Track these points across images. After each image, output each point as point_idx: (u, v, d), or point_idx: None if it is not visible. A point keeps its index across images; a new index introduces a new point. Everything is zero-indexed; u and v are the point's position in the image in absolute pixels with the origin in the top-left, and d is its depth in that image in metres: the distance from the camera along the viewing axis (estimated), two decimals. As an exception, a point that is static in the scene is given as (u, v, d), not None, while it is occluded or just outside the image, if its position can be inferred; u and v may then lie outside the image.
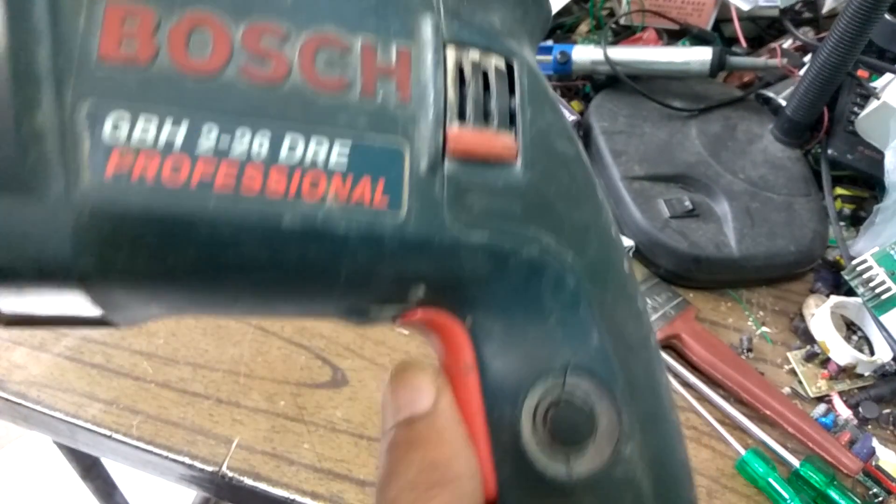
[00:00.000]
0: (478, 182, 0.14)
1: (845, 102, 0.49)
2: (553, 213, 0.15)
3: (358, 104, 0.13)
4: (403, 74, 0.14)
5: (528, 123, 0.15)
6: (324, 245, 0.13)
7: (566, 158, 0.15)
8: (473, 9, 0.15)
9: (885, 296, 0.41)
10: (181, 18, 0.12)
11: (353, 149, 0.13)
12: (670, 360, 0.41)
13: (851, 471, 0.38)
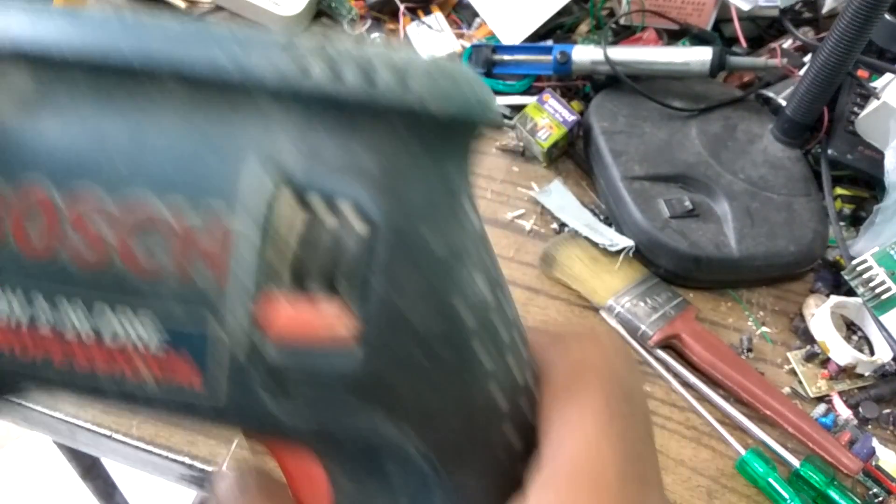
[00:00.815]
0: (299, 370, 0.12)
1: (845, 102, 0.49)
2: (397, 399, 0.13)
3: (175, 289, 0.12)
4: (214, 248, 0.12)
5: (376, 298, 0.12)
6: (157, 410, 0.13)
7: (426, 337, 0.13)
8: (332, 139, 0.12)
9: (885, 296, 0.41)
10: (18, 198, 0.12)
11: (173, 335, 0.12)
12: (670, 360, 0.41)
13: (851, 471, 0.38)
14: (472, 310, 0.13)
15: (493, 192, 0.49)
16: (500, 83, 0.53)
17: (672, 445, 0.39)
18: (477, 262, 0.13)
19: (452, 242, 0.13)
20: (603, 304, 0.43)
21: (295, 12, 0.56)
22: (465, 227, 0.13)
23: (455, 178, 0.14)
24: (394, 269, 0.12)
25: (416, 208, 0.13)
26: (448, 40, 0.55)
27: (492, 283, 0.14)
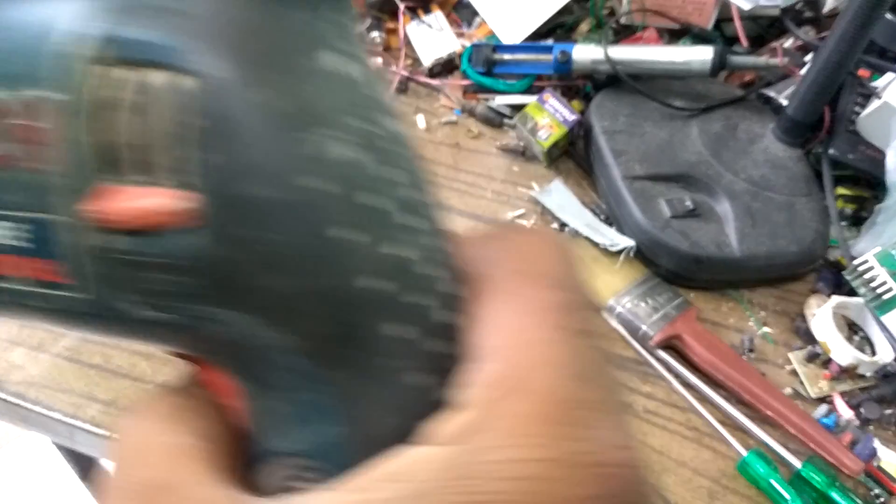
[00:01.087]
0: (148, 256, 0.11)
1: (846, 102, 0.49)
2: (252, 287, 0.11)
3: (10, 181, 0.12)
4: (37, 134, 0.11)
5: (213, 168, 0.11)
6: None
7: (274, 212, 0.11)
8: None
9: (886, 296, 0.41)
10: None
11: (23, 230, 0.12)
12: (671, 361, 0.41)
13: (853, 472, 0.37)
14: (336, 181, 0.11)
15: (493, 191, 0.49)
16: (500, 82, 0.53)
17: (673, 446, 0.39)
18: (345, 127, 0.12)
19: (306, 101, 0.11)
20: (604, 305, 0.43)
21: (294, 11, 0.56)
22: (327, 85, 0.12)
23: (316, 27, 0.12)
24: (228, 132, 0.11)
25: (257, 61, 0.11)
26: (448, 39, 0.55)
27: (377, 152, 0.12)
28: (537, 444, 0.11)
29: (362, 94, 0.13)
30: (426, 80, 0.54)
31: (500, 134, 0.52)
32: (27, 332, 0.40)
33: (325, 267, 0.12)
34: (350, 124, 0.12)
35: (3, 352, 0.39)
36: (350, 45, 0.13)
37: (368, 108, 0.12)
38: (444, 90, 0.54)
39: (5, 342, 0.40)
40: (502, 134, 0.52)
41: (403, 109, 0.53)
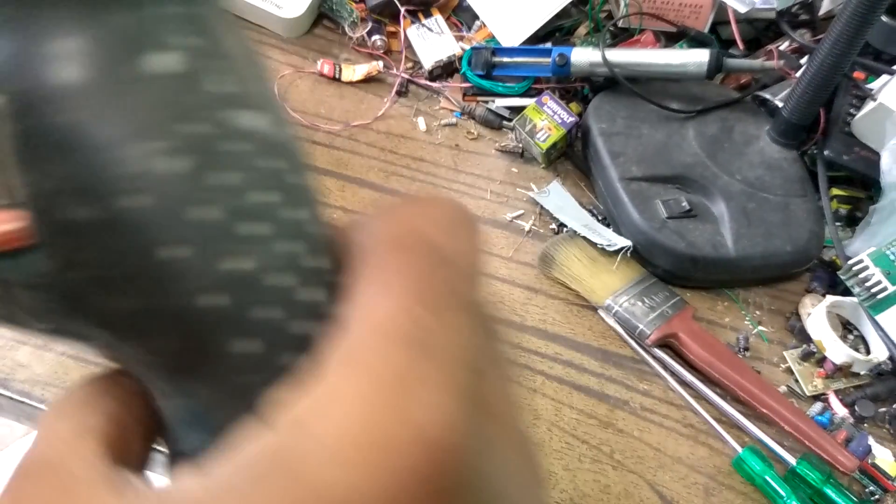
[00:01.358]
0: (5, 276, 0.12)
1: (842, 104, 0.50)
2: (91, 304, 0.12)
3: None
4: None
5: (35, 194, 0.11)
6: None
7: (94, 230, 0.11)
8: None
9: (880, 295, 0.42)
10: None
11: None
12: (668, 359, 0.42)
13: (848, 469, 0.38)
14: (160, 198, 0.11)
15: (492, 192, 0.50)
16: (499, 85, 0.54)
17: (670, 443, 0.39)
18: (172, 135, 0.11)
19: (125, 114, 0.11)
20: (601, 304, 0.43)
21: (296, 14, 0.56)
22: (153, 92, 0.11)
23: (143, 26, 0.11)
24: (44, 153, 0.11)
25: (69, 76, 0.11)
26: (448, 43, 0.56)
27: (213, 157, 0.11)
28: (352, 430, 0.10)
29: (200, 93, 0.12)
30: (427, 82, 0.55)
31: (499, 136, 0.53)
32: (33, 331, 0.40)
33: (158, 287, 0.11)
34: (178, 131, 0.11)
35: (8, 350, 0.40)
36: (194, 34, 0.12)
37: (207, 107, 0.12)
38: (445, 93, 0.55)
39: (11, 341, 0.40)
40: (501, 136, 0.53)
41: (404, 112, 0.54)
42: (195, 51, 0.12)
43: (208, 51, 0.12)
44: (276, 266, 0.12)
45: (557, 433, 0.39)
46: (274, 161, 0.13)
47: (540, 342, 0.43)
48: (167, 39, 0.11)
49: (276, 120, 0.13)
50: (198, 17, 0.12)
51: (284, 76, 0.55)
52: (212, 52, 0.12)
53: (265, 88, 0.13)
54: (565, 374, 0.41)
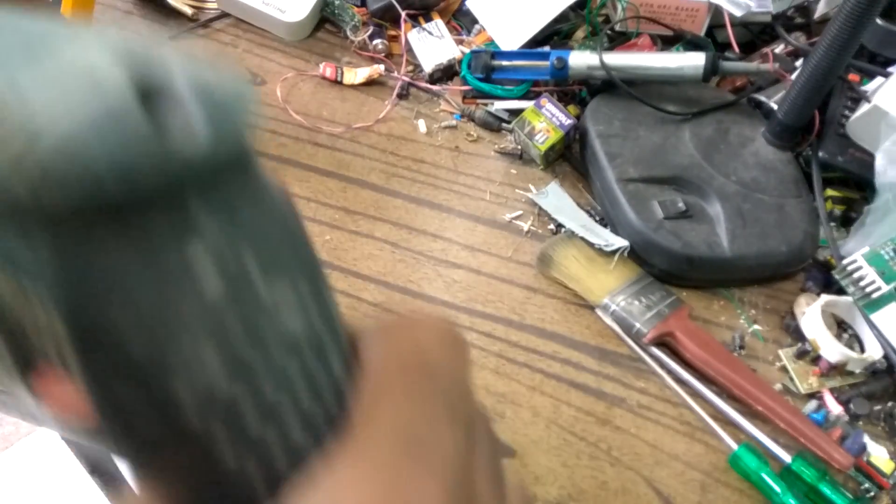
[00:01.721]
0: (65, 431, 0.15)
1: (836, 106, 0.50)
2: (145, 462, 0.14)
3: None
4: None
5: (88, 384, 0.13)
6: None
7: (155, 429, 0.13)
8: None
9: (874, 294, 0.42)
10: None
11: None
12: (664, 357, 0.42)
13: (843, 466, 0.38)
14: (196, 393, 0.13)
15: (491, 193, 0.50)
16: (498, 88, 0.54)
17: (666, 440, 0.40)
18: (204, 333, 0.13)
19: (160, 326, 0.12)
20: (599, 303, 0.44)
21: (299, 18, 0.57)
22: (182, 302, 0.13)
23: (165, 248, 0.12)
24: (90, 357, 0.12)
25: (99, 295, 0.12)
26: (448, 46, 0.56)
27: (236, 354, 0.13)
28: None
29: (255, 309, 0.13)
30: (427, 85, 0.56)
31: (498, 138, 0.54)
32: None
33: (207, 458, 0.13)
34: (237, 354, 0.13)
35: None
36: (246, 242, 0.13)
37: (265, 322, 0.13)
38: (445, 95, 0.55)
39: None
40: (500, 138, 0.54)
41: (404, 114, 0.54)
42: (235, 271, 0.13)
43: (248, 264, 0.13)
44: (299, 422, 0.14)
45: (555, 430, 0.40)
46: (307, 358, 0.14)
47: (538, 341, 0.43)
48: (209, 267, 0.13)
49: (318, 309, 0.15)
50: (239, 228, 0.13)
51: (287, 79, 0.55)
52: (250, 264, 0.13)
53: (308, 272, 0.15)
54: (563, 372, 0.42)
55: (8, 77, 0.11)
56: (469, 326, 0.43)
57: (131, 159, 0.11)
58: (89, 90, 0.11)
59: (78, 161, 0.11)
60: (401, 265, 0.46)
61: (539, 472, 0.38)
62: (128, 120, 0.11)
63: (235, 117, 0.13)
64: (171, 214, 0.12)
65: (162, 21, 0.59)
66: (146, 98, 0.11)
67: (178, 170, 0.12)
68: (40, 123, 0.11)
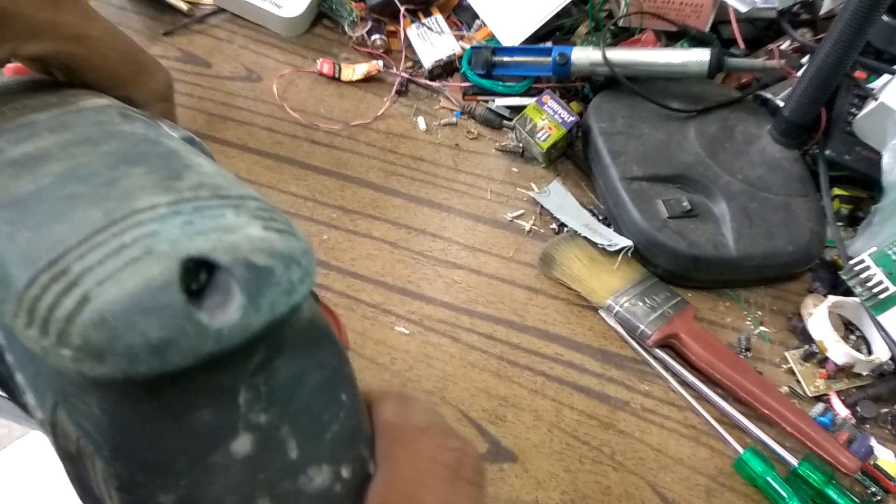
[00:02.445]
0: None
1: (843, 103, 0.49)
2: None
3: None
4: None
5: None
6: None
7: None
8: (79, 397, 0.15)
9: (882, 295, 0.42)
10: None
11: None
12: (669, 360, 0.41)
13: (850, 470, 0.38)
14: None
15: (492, 192, 0.49)
16: (499, 84, 0.53)
17: (671, 444, 0.39)
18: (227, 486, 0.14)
19: (195, 499, 0.14)
20: (602, 304, 0.43)
21: (296, 14, 0.56)
22: (209, 457, 0.14)
23: (209, 427, 0.14)
24: (125, 498, 0.14)
25: (134, 448, 0.14)
26: (448, 42, 0.55)
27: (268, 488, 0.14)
28: None
29: (281, 466, 0.14)
30: (426, 82, 0.55)
31: (499, 135, 0.53)
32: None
33: None
34: (244, 483, 0.14)
35: (7, 351, 0.40)
36: (263, 411, 0.14)
37: (288, 478, 0.15)
38: (445, 92, 0.55)
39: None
40: (501, 135, 0.53)
41: (404, 111, 0.53)
42: (264, 429, 0.14)
43: (277, 422, 0.15)
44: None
45: (558, 434, 0.39)
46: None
47: (540, 342, 0.42)
48: (240, 426, 0.14)
49: (349, 462, 0.16)
50: (273, 390, 0.15)
51: (284, 75, 0.55)
52: (280, 422, 0.15)
53: (340, 426, 0.16)
54: (566, 374, 0.41)
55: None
56: (469, 328, 0.43)
57: (166, 336, 0.12)
58: (140, 263, 0.12)
59: (115, 335, 0.12)
60: (400, 265, 0.45)
61: (541, 476, 0.37)
62: (169, 301, 0.12)
63: (282, 299, 0.14)
64: (214, 396, 0.14)
65: (157, 17, 0.58)
66: (191, 276, 0.13)
67: (211, 349, 0.13)
68: (89, 287, 0.12)
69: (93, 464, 0.14)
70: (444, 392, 0.40)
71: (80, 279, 0.12)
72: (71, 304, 0.12)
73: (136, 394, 0.13)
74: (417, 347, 0.41)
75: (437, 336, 0.42)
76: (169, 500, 0.14)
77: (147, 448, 0.14)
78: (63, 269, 0.12)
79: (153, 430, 0.14)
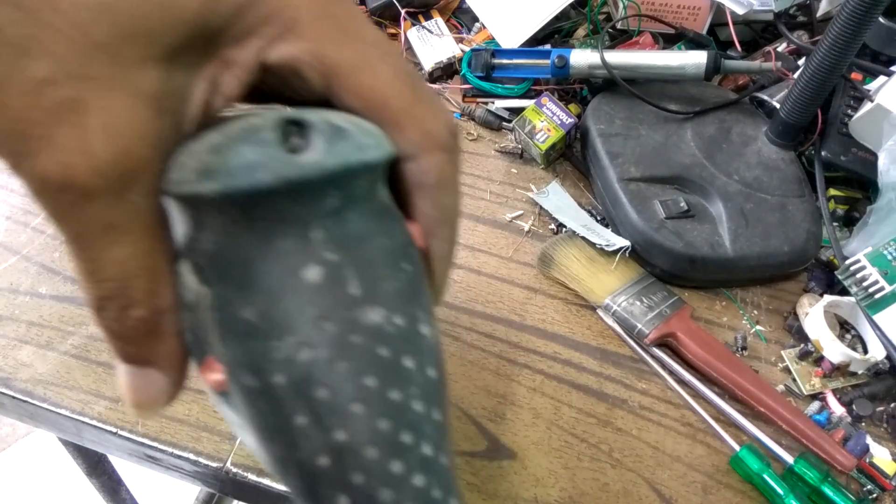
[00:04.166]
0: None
1: (839, 105, 0.50)
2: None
3: None
4: None
5: (226, 361, 0.17)
6: None
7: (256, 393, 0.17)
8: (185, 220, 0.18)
9: (877, 295, 0.42)
10: None
11: None
12: (666, 358, 0.42)
13: (845, 467, 0.38)
14: (298, 381, 0.16)
15: (491, 193, 0.50)
16: (499, 86, 0.54)
17: (668, 442, 0.39)
18: (316, 332, 0.16)
19: (282, 316, 0.16)
20: (600, 303, 0.43)
21: (297, 17, 0.56)
22: (305, 298, 0.16)
23: (305, 243, 0.17)
24: (227, 335, 0.16)
25: (241, 284, 0.16)
26: (448, 44, 0.56)
27: (346, 350, 0.16)
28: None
29: (342, 298, 0.17)
30: (427, 84, 0.55)
31: (498, 137, 0.53)
32: (35, 331, 0.41)
33: (290, 442, 0.16)
34: (322, 329, 0.16)
35: (11, 350, 0.40)
36: (333, 251, 0.17)
37: (347, 309, 0.17)
38: (445, 94, 0.55)
39: (14, 340, 0.40)
40: (501, 137, 0.53)
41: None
42: (332, 265, 0.17)
43: (343, 262, 0.17)
44: (386, 436, 0.17)
45: (556, 432, 0.39)
46: (393, 350, 0.17)
47: (539, 341, 0.43)
48: (327, 255, 0.17)
49: (402, 313, 0.18)
50: (343, 236, 0.17)
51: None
52: (346, 263, 0.17)
53: (399, 284, 0.18)
54: (564, 373, 0.42)
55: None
56: (469, 327, 0.43)
57: (258, 160, 0.16)
58: (254, 117, 0.17)
59: (222, 158, 0.16)
60: (400, 265, 0.46)
61: (540, 473, 0.38)
62: (265, 136, 0.16)
63: (353, 152, 0.17)
64: (295, 227, 0.17)
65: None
66: (289, 128, 0.16)
67: (291, 174, 0.16)
68: (218, 134, 0.17)
69: (201, 302, 0.17)
70: (443, 390, 0.40)
71: (217, 133, 0.16)
72: (202, 148, 0.16)
73: (236, 220, 0.16)
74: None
75: (437, 335, 0.42)
76: (250, 313, 0.16)
77: (238, 268, 0.16)
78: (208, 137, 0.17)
79: (245, 251, 0.16)
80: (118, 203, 0.15)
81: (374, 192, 0.18)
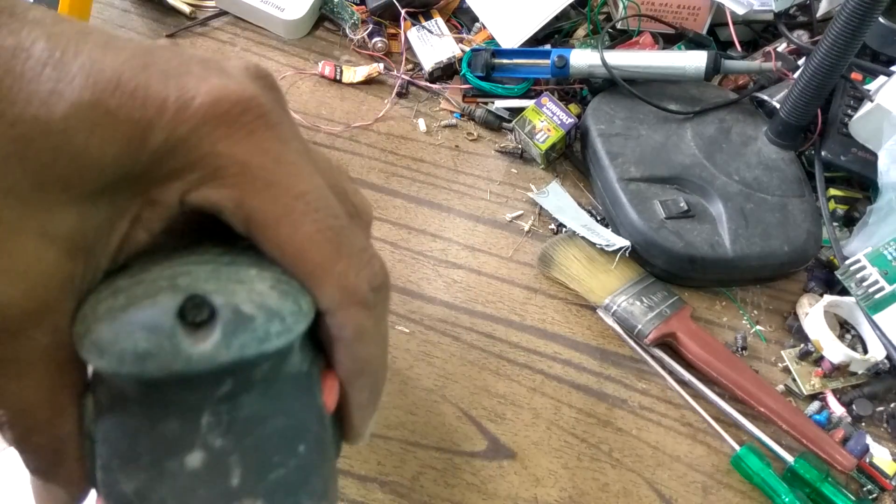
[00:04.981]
0: None
1: (839, 105, 0.50)
2: None
3: None
4: None
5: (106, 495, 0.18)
6: None
7: None
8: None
9: (878, 295, 0.42)
10: None
11: None
12: (666, 358, 0.42)
13: (845, 467, 0.38)
14: None
15: (492, 193, 0.50)
16: (499, 86, 0.54)
17: (668, 442, 0.39)
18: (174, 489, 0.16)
19: (147, 496, 0.16)
20: (600, 303, 0.43)
21: (298, 17, 0.57)
22: (185, 483, 0.16)
23: (173, 436, 0.17)
24: (107, 493, 0.17)
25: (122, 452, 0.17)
26: (448, 45, 0.56)
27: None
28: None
29: (222, 488, 0.17)
30: (427, 84, 0.55)
31: (498, 137, 0.53)
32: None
33: None
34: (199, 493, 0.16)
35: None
36: (221, 436, 0.17)
37: (224, 500, 0.16)
38: (445, 94, 0.55)
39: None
40: (501, 137, 0.53)
41: (404, 113, 0.54)
42: (216, 452, 0.17)
43: (227, 449, 0.17)
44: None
45: (556, 432, 0.39)
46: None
47: (539, 341, 0.43)
48: (197, 443, 0.17)
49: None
50: (234, 421, 0.17)
51: (286, 77, 0.55)
52: (232, 450, 0.17)
53: (286, 471, 0.18)
54: (564, 373, 0.42)
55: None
56: (469, 327, 0.43)
57: (148, 348, 0.16)
58: (163, 293, 0.16)
59: (115, 339, 0.16)
60: (400, 265, 0.46)
61: (540, 473, 0.38)
62: (161, 323, 0.16)
63: (253, 344, 0.16)
64: (183, 411, 0.17)
65: (160, 19, 0.58)
66: (192, 309, 0.16)
67: (180, 368, 0.16)
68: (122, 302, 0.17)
69: (93, 445, 0.17)
70: (444, 390, 0.40)
71: (123, 293, 0.16)
72: (103, 310, 0.16)
73: (127, 394, 0.17)
74: (417, 346, 0.42)
75: (437, 335, 0.43)
76: (129, 488, 0.17)
77: (125, 439, 0.17)
78: (116, 290, 0.17)
79: (133, 425, 0.17)
80: (20, 341, 0.16)
81: (278, 370, 0.18)
